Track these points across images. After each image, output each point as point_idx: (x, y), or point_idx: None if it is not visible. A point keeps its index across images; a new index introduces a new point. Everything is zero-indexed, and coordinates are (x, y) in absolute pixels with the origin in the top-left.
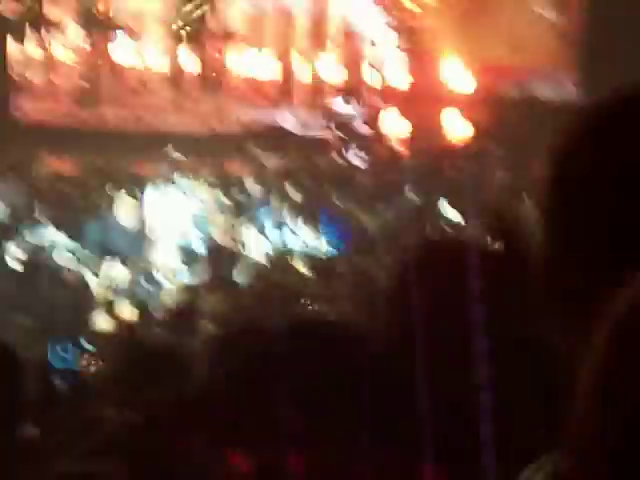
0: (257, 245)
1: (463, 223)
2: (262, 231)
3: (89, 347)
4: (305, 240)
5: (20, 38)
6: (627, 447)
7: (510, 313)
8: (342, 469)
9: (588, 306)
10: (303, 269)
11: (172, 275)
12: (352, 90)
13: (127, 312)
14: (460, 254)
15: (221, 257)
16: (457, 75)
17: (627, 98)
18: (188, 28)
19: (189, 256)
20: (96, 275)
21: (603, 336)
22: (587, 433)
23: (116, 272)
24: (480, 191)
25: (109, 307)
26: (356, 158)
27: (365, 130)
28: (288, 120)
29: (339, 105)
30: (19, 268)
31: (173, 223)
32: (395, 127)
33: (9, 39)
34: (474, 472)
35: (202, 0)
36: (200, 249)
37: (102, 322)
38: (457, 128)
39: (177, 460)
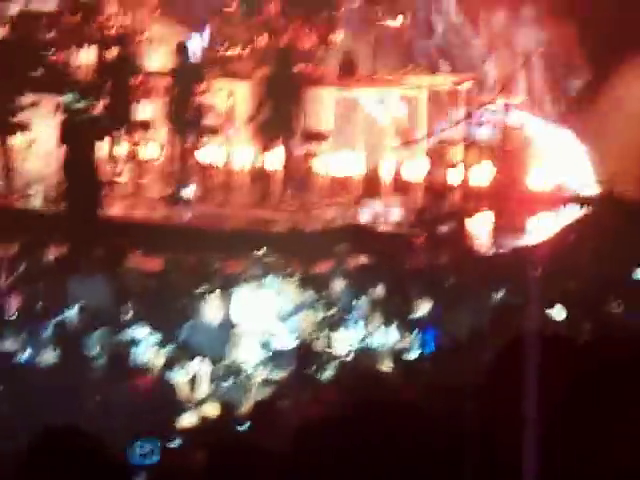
0: (345, 344)
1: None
2: (350, 329)
3: (173, 444)
4: (393, 340)
5: (108, 136)
6: None
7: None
8: None
9: None
10: (389, 368)
11: (258, 373)
12: (435, 187)
13: (212, 410)
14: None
15: (308, 355)
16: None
17: None
18: (275, 126)
19: (276, 354)
20: (182, 373)
21: None
22: None
23: (203, 371)
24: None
25: (194, 406)
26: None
27: (450, 228)
28: (374, 218)
29: (423, 201)
30: (103, 364)
31: (261, 321)
32: (480, 225)
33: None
34: None
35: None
36: (288, 347)
37: (186, 420)
38: (541, 224)
39: None
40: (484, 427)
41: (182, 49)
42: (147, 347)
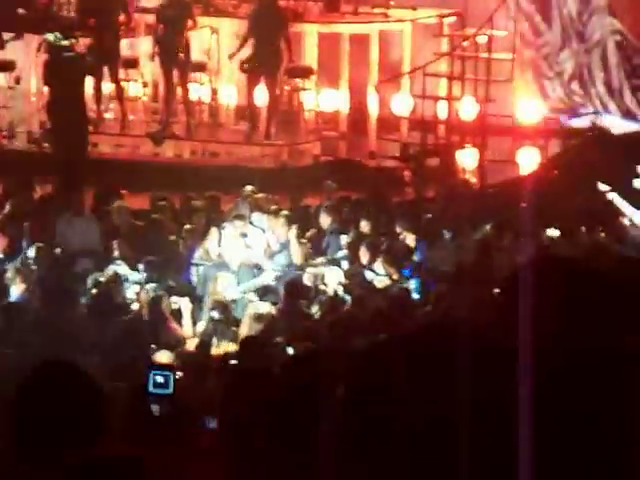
0: (333, 278)
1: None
2: (337, 265)
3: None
4: (380, 275)
5: (96, 74)
6: None
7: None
8: None
9: None
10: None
11: (248, 307)
12: (424, 123)
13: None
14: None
15: (297, 289)
16: (527, 106)
17: None
18: (261, 62)
19: (265, 289)
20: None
21: None
22: None
23: (189, 307)
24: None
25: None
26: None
27: (436, 162)
28: (361, 153)
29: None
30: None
31: (249, 257)
32: (467, 159)
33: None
34: None
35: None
36: (276, 282)
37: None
38: (528, 158)
39: None
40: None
41: None
42: (132, 284)
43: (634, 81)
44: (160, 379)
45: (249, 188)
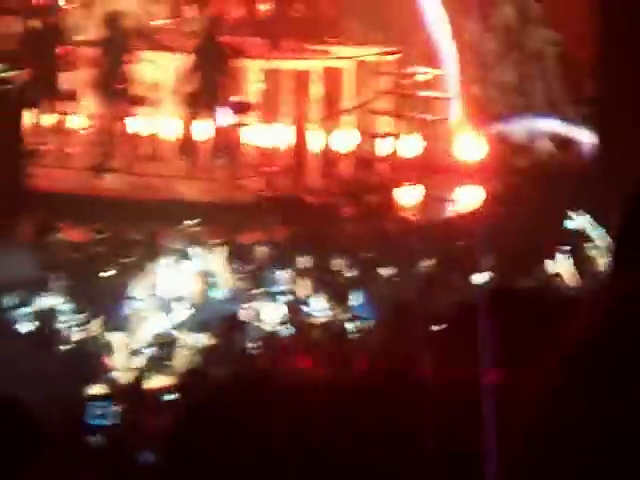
0: (272, 315)
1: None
2: (274, 299)
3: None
4: (319, 309)
5: (34, 106)
6: None
7: None
8: None
9: None
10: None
11: (182, 342)
12: (363, 159)
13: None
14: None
15: (233, 324)
16: (468, 143)
17: None
18: (203, 96)
19: (201, 323)
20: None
21: None
22: None
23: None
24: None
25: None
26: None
27: (376, 198)
28: (301, 189)
29: (351, 173)
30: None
31: (186, 291)
32: (406, 196)
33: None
34: None
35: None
36: (211, 317)
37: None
38: (469, 195)
39: None
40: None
41: (111, 19)
42: (67, 317)
43: (574, 93)
44: (99, 410)
45: (188, 222)
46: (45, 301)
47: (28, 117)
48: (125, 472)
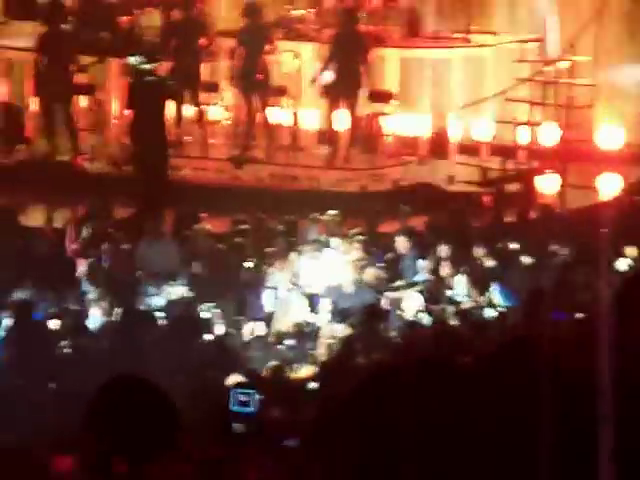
0: (411, 302)
1: None
2: (415, 288)
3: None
4: (459, 297)
5: (176, 98)
6: None
7: None
8: None
9: None
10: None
11: (324, 331)
12: (504, 147)
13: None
14: None
15: (375, 313)
16: (608, 131)
17: None
18: (342, 86)
19: (343, 312)
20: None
21: None
22: None
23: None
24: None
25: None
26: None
27: (516, 187)
28: (440, 177)
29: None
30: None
31: (326, 281)
32: (546, 184)
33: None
34: None
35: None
36: (354, 306)
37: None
38: (610, 184)
39: None
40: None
41: (250, 10)
42: (211, 308)
43: None
44: (243, 398)
45: (328, 212)
46: (188, 291)
47: (171, 109)
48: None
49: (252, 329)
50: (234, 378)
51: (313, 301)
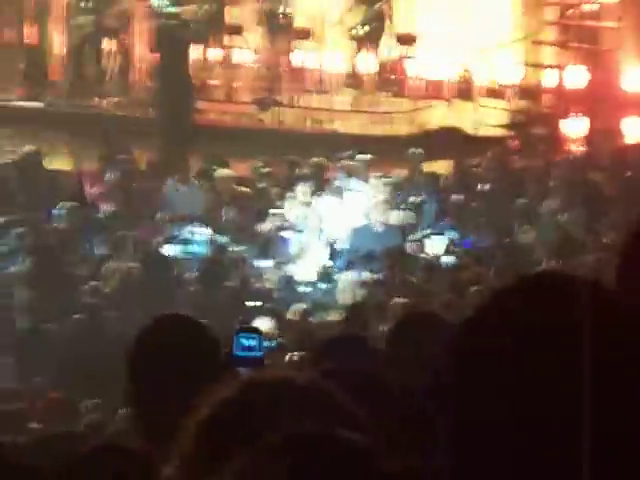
0: (434, 245)
1: None
2: (438, 232)
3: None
4: (479, 242)
5: (201, 41)
6: None
7: None
8: None
9: None
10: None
11: (346, 274)
12: (530, 90)
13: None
14: None
15: (395, 256)
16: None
17: None
18: (367, 29)
19: (366, 256)
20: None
21: None
22: None
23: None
24: None
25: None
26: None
27: (542, 130)
28: (463, 120)
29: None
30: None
31: (351, 225)
32: (573, 128)
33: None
34: None
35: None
36: (373, 249)
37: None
38: (636, 127)
39: None
40: None
41: None
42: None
43: None
44: (247, 342)
45: (352, 155)
46: (213, 236)
47: (195, 52)
48: None
49: (277, 273)
50: (262, 322)
51: (337, 245)
